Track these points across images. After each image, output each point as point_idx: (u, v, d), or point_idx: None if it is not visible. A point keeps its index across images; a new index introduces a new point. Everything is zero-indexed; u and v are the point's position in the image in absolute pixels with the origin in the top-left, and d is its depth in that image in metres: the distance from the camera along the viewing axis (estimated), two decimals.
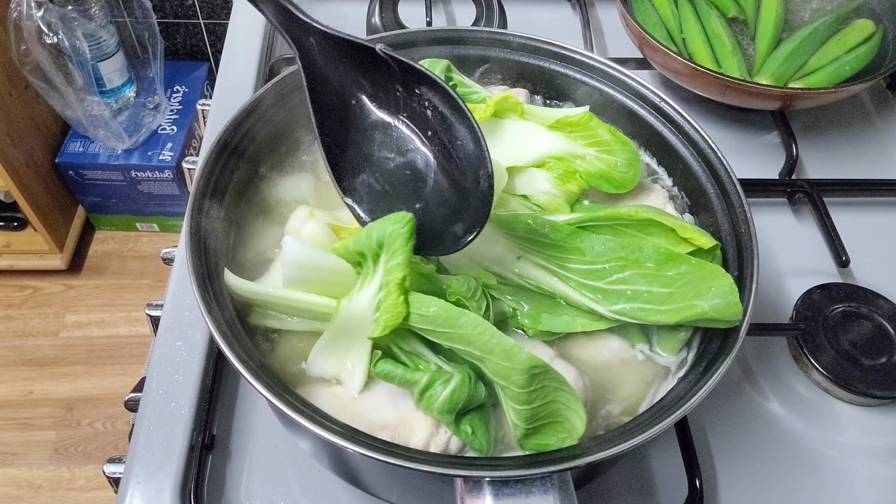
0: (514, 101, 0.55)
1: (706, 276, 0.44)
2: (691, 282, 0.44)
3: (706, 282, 0.44)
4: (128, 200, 1.64)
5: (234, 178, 0.50)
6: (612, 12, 0.90)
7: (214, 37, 1.67)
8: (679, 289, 0.44)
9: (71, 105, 1.44)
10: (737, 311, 0.43)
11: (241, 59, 0.81)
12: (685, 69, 0.72)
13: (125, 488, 0.51)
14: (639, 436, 0.37)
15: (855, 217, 0.71)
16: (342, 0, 0.91)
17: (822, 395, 0.59)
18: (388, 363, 0.42)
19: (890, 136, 0.81)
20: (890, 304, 0.61)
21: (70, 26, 1.34)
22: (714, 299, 0.43)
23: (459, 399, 0.40)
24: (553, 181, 0.53)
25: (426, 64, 0.55)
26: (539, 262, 0.47)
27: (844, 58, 0.75)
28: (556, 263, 0.47)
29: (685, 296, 0.44)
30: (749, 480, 0.54)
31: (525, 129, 0.55)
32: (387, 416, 0.42)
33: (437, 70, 0.55)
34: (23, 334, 1.58)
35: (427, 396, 0.41)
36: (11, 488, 1.36)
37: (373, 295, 0.41)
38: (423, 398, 0.41)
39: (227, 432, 0.54)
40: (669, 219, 0.47)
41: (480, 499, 0.36)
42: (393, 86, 0.44)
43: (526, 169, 0.54)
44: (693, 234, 0.46)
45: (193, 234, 0.44)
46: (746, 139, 0.79)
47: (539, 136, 0.54)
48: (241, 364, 0.39)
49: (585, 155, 0.53)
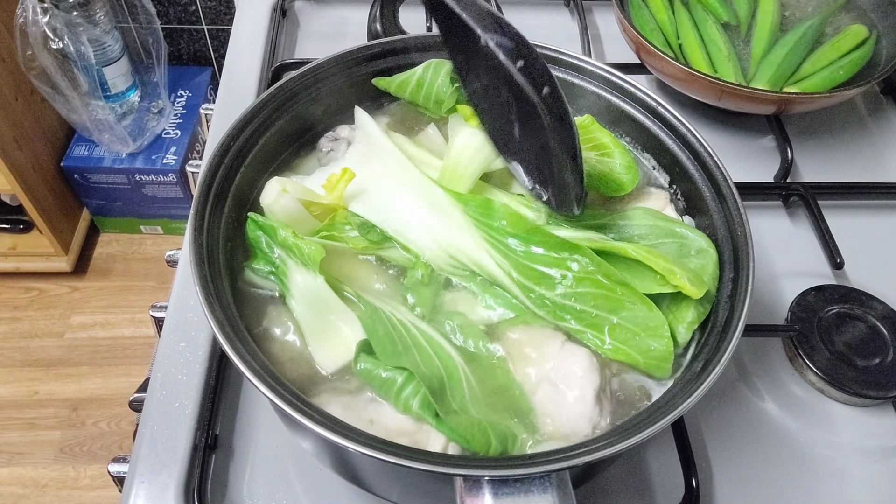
0: None
1: (652, 332, 0.45)
2: (637, 330, 0.45)
3: (649, 338, 0.45)
4: (132, 203, 1.65)
5: (237, 181, 0.51)
6: (610, 18, 0.90)
7: (217, 42, 1.68)
8: (623, 332, 0.45)
9: (76, 109, 1.45)
10: (665, 374, 0.45)
11: (243, 63, 0.82)
12: (682, 74, 0.73)
13: (129, 487, 0.51)
14: (635, 436, 0.38)
15: (849, 220, 0.71)
16: (343, 6, 0.92)
17: (816, 395, 0.59)
18: (370, 361, 0.43)
19: (883, 140, 0.81)
20: (884, 306, 0.62)
21: (75, 32, 1.35)
22: (650, 360, 0.45)
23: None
24: None
25: (433, 63, 0.56)
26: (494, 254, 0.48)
27: (839, 63, 0.76)
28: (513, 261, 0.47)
29: (627, 341, 0.45)
30: (745, 479, 0.54)
31: None
32: (404, 421, 0.43)
33: (443, 72, 0.56)
34: (28, 335, 1.59)
35: (404, 398, 0.41)
36: (17, 487, 1.37)
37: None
38: (399, 399, 0.42)
39: (229, 432, 0.55)
40: (661, 263, 0.45)
41: (480, 497, 0.37)
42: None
43: None
44: (682, 282, 0.44)
45: (197, 237, 0.45)
46: (742, 143, 0.79)
47: None
48: (243, 365, 0.39)
49: (586, 158, 0.54)
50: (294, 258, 0.47)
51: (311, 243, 0.46)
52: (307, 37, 0.90)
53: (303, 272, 0.47)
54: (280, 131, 0.54)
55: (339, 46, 0.56)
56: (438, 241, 0.48)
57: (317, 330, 0.46)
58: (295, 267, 0.47)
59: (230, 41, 0.86)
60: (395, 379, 0.42)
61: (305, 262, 0.46)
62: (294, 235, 0.47)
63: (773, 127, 0.77)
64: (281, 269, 0.47)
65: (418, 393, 0.41)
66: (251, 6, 0.89)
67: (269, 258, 0.48)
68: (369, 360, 0.43)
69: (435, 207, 0.49)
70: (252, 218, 0.49)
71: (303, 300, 0.46)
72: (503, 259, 0.47)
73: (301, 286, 0.47)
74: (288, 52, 0.88)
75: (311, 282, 0.46)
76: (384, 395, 0.43)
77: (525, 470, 0.37)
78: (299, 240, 0.46)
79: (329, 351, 0.46)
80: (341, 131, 0.57)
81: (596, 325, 0.46)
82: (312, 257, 0.46)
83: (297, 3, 0.93)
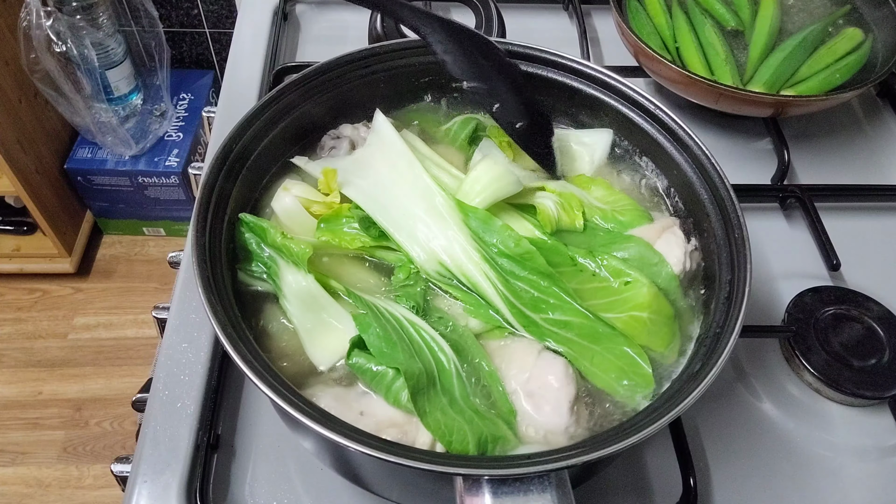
0: None
1: (632, 366, 0.46)
2: (619, 364, 0.46)
3: (630, 370, 0.46)
4: (135, 205, 1.65)
5: (238, 183, 0.51)
6: (608, 22, 0.91)
7: (219, 45, 1.69)
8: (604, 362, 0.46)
9: (79, 112, 1.45)
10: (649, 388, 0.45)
11: (245, 67, 0.82)
12: (679, 77, 0.73)
13: (132, 486, 0.51)
14: (634, 436, 0.38)
15: (845, 222, 0.72)
16: (344, 9, 0.93)
17: (813, 395, 0.60)
18: (362, 356, 0.43)
19: (879, 142, 0.82)
20: (879, 307, 0.62)
21: (78, 35, 1.36)
22: (628, 392, 0.46)
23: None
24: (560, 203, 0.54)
25: (460, 121, 0.60)
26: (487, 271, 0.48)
27: (835, 66, 0.76)
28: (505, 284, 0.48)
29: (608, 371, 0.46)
30: (742, 479, 0.55)
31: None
32: (394, 413, 0.43)
33: (465, 132, 0.59)
34: (32, 336, 1.60)
35: (395, 390, 0.42)
36: (21, 487, 1.38)
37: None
38: (390, 391, 0.42)
39: (231, 432, 0.55)
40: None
41: (479, 496, 0.37)
42: None
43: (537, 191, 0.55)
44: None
45: (199, 238, 0.45)
46: (739, 146, 0.80)
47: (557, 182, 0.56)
48: (245, 365, 0.39)
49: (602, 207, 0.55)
50: (284, 258, 0.48)
51: (299, 243, 0.47)
52: (308, 40, 0.91)
53: (293, 271, 0.47)
54: (282, 133, 0.55)
55: (341, 49, 0.56)
56: (431, 246, 0.49)
57: (310, 328, 0.47)
58: (286, 266, 0.48)
59: (232, 44, 0.87)
60: (387, 372, 0.43)
61: (295, 262, 0.47)
62: (283, 236, 0.47)
63: (770, 130, 0.78)
64: (273, 269, 0.48)
65: (408, 386, 0.42)
66: (253, 10, 0.90)
67: (261, 258, 0.49)
68: (361, 355, 0.44)
69: (433, 212, 0.50)
70: (243, 219, 0.49)
71: (295, 299, 0.47)
72: (495, 275, 0.48)
73: (292, 286, 0.47)
74: (289, 56, 0.88)
75: (301, 281, 0.47)
76: (375, 388, 0.44)
77: (524, 469, 0.37)
78: (288, 240, 0.47)
79: (323, 349, 0.46)
80: (343, 129, 0.58)
81: (580, 353, 0.47)
82: (300, 256, 0.46)
83: (298, 7, 0.93)
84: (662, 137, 0.56)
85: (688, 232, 0.53)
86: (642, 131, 0.57)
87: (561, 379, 0.44)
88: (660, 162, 0.57)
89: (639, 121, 0.57)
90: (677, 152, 0.55)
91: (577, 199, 0.54)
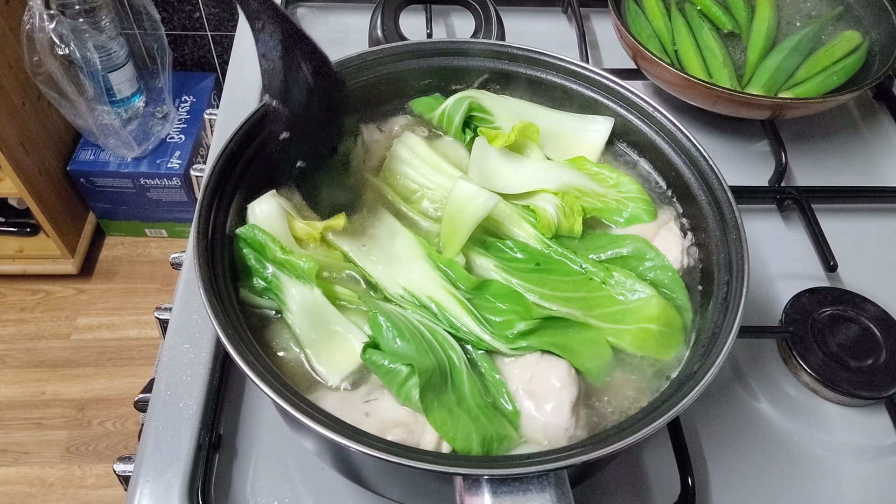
0: (535, 129, 0.57)
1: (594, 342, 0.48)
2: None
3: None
4: (137, 207, 1.66)
5: (240, 185, 0.51)
6: (607, 24, 0.91)
7: (221, 48, 1.70)
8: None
9: (82, 114, 1.46)
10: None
11: (246, 69, 0.83)
12: (678, 80, 0.73)
13: (135, 486, 0.51)
14: (632, 435, 0.38)
15: (842, 223, 0.72)
16: (345, 13, 0.93)
17: (810, 395, 0.60)
18: (376, 353, 0.44)
19: (876, 144, 0.82)
20: (876, 308, 0.62)
21: (81, 38, 1.36)
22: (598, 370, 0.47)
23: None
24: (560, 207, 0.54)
25: (452, 101, 0.58)
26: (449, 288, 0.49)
27: (832, 68, 0.76)
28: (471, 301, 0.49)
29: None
30: (740, 478, 0.55)
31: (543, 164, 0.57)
32: (400, 412, 0.43)
33: (460, 113, 0.58)
34: (35, 337, 1.61)
35: (407, 388, 0.42)
36: (24, 486, 1.39)
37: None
38: (402, 388, 0.43)
39: (233, 432, 0.55)
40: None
41: (479, 496, 0.37)
42: None
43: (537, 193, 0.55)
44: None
45: (201, 240, 0.45)
46: (737, 147, 0.80)
47: (556, 170, 0.56)
48: (246, 365, 0.40)
49: (603, 193, 0.55)
50: (287, 273, 0.47)
51: (301, 257, 0.47)
52: None
53: (298, 285, 0.47)
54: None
55: (341, 52, 0.56)
56: (394, 277, 0.49)
57: (318, 342, 0.47)
58: (289, 280, 0.47)
59: (233, 47, 0.87)
60: (401, 370, 0.43)
61: (300, 276, 0.47)
62: (283, 250, 0.47)
63: (767, 132, 0.78)
64: (275, 283, 0.47)
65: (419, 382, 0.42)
66: None
67: (262, 274, 0.48)
68: (376, 353, 0.44)
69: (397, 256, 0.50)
70: (240, 234, 0.49)
71: (301, 313, 0.47)
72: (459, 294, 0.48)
73: (298, 300, 0.47)
74: None
75: (307, 294, 0.47)
76: (388, 385, 0.44)
77: (523, 469, 0.37)
78: (289, 254, 0.47)
79: (332, 364, 0.46)
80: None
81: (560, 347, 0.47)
82: (308, 272, 0.46)
83: (299, 10, 0.94)
84: (661, 139, 0.56)
85: (684, 229, 0.53)
86: (641, 133, 0.57)
87: (563, 379, 0.45)
88: (658, 164, 0.57)
89: (637, 123, 0.57)
90: (675, 154, 0.55)
91: (578, 203, 0.54)
